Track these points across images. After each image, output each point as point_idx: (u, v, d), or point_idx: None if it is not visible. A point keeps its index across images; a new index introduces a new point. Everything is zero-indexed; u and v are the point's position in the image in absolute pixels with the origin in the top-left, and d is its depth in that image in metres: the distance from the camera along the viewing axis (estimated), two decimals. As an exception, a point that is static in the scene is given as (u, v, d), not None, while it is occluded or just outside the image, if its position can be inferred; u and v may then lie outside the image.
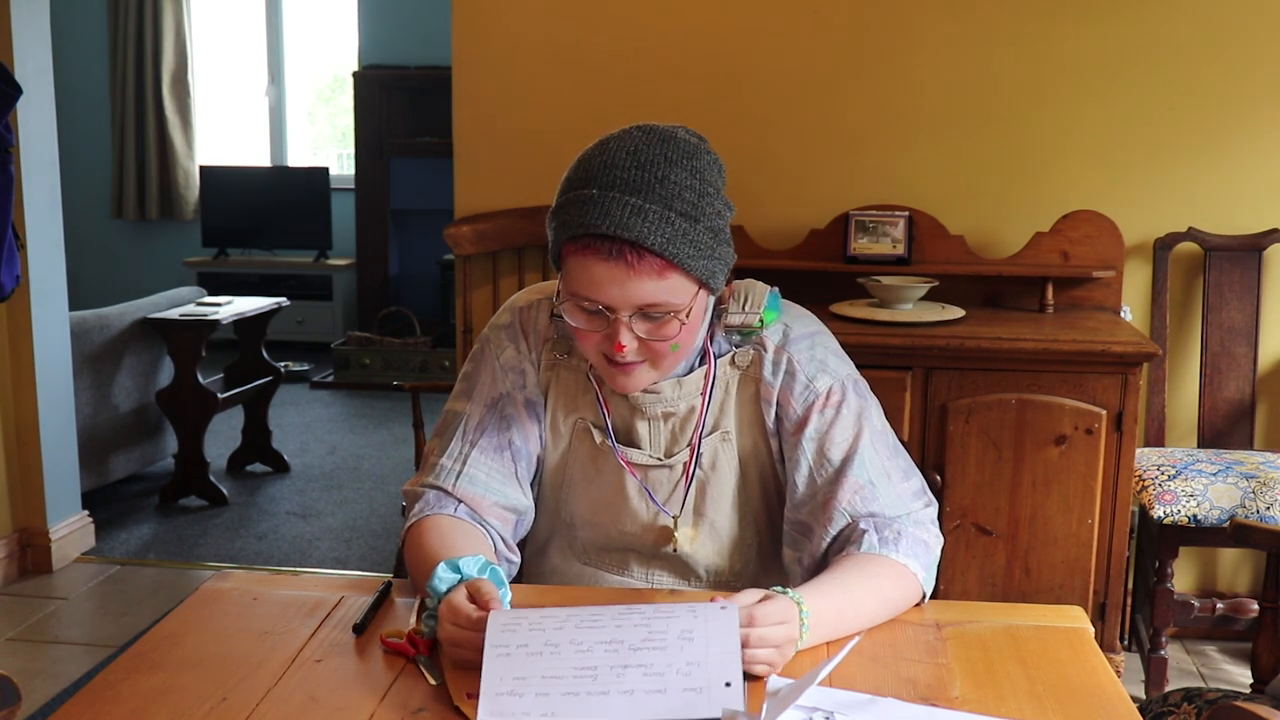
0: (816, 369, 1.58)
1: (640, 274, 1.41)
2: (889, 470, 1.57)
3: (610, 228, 1.39)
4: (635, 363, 1.49)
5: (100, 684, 1.31)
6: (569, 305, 1.47)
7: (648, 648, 1.25)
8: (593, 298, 1.44)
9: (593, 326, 1.47)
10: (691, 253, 1.42)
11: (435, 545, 1.50)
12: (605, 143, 1.47)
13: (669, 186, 1.41)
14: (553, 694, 1.21)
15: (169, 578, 3.79)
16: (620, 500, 1.63)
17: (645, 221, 1.39)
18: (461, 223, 3.48)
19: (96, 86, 7.32)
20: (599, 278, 1.42)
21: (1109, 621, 2.88)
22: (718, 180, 1.48)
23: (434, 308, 6.85)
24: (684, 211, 1.41)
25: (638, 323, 1.45)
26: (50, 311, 3.74)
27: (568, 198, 1.45)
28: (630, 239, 1.39)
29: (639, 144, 1.44)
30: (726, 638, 1.25)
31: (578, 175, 1.46)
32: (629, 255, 1.40)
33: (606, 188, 1.41)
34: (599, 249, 1.41)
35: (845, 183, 3.37)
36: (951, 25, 3.30)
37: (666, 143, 1.45)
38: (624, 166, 1.42)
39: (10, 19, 3.49)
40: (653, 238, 1.39)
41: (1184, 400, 3.32)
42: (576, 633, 1.27)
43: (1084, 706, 1.27)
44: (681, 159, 1.44)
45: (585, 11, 3.43)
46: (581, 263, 1.43)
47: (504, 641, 1.26)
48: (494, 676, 1.23)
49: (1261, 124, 3.22)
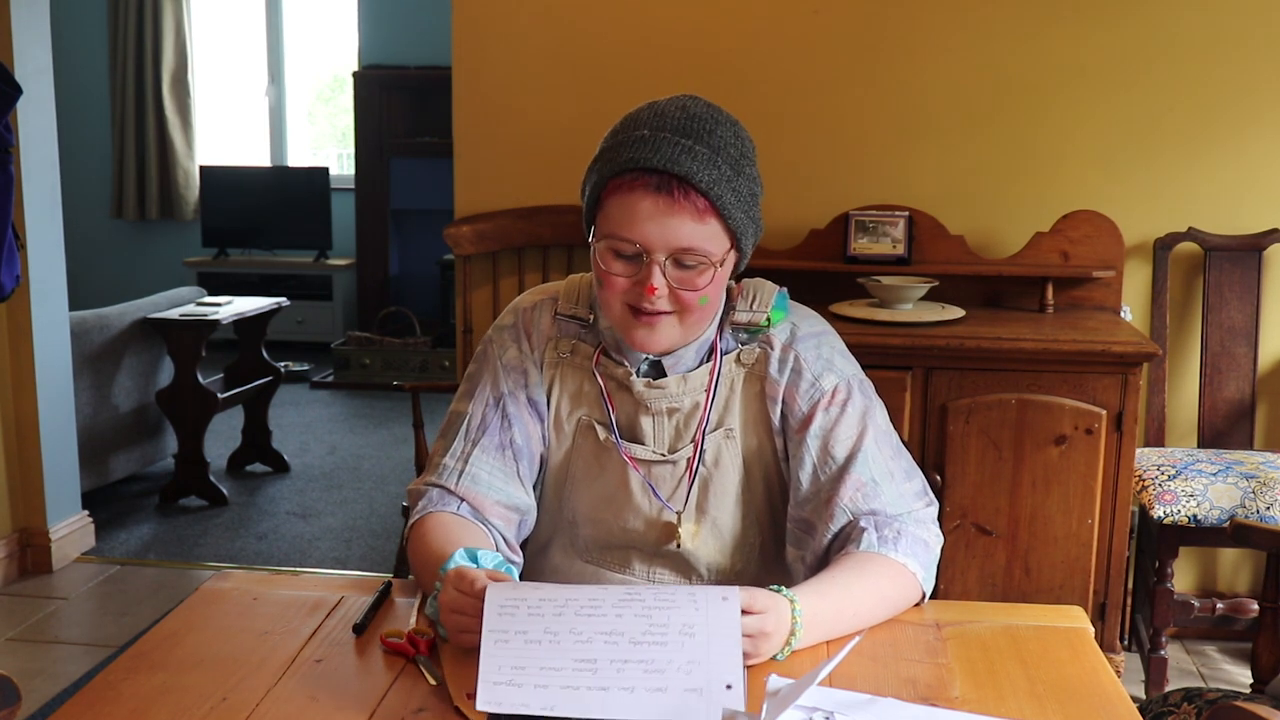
0: (823, 367, 1.59)
1: (682, 211, 1.44)
2: (892, 469, 1.57)
3: (660, 161, 1.44)
4: (662, 313, 1.50)
5: (100, 684, 1.30)
6: (602, 248, 1.49)
7: (648, 641, 1.24)
8: (630, 237, 1.46)
9: (625, 272, 1.49)
10: (733, 200, 1.47)
11: (438, 541, 1.51)
12: (653, 102, 1.53)
13: (717, 138, 1.48)
14: (552, 686, 1.20)
15: (169, 578, 3.79)
16: (624, 496, 1.63)
17: (695, 160, 1.44)
18: (461, 223, 3.48)
19: (96, 86, 7.32)
20: (641, 213, 1.45)
21: (1109, 621, 2.88)
22: (754, 154, 1.54)
23: (434, 308, 6.85)
24: (731, 161, 1.47)
25: (671, 270, 1.47)
26: (50, 311, 3.74)
27: (615, 141, 1.50)
28: (679, 173, 1.44)
29: (687, 102, 1.52)
30: (728, 634, 1.24)
31: (624, 124, 1.52)
32: (676, 190, 1.44)
33: (658, 129, 1.47)
34: (646, 182, 1.45)
35: (845, 183, 3.38)
36: (952, 26, 3.30)
37: (712, 108, 1.53)
38: (674, 116, 1.49)
39: (10, 19, 3.49)
40: (701, 174, 1.44)
41: (1184, 400, 3.32)
42: (576, 620, 1.26)
43: (1084, 706, 1.27)
44: (727, 122, 1.51)
45: (585, 12, 3.43)
46: (625, 199, 1.46)
47: (502, 627, 1.25)
48: (491, 664, 1.22)
49: (1262, 124, 3.22)
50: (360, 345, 6.52)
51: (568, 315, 1.63)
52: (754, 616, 1.31)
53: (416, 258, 7.11)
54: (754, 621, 1.31)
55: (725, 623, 1.26)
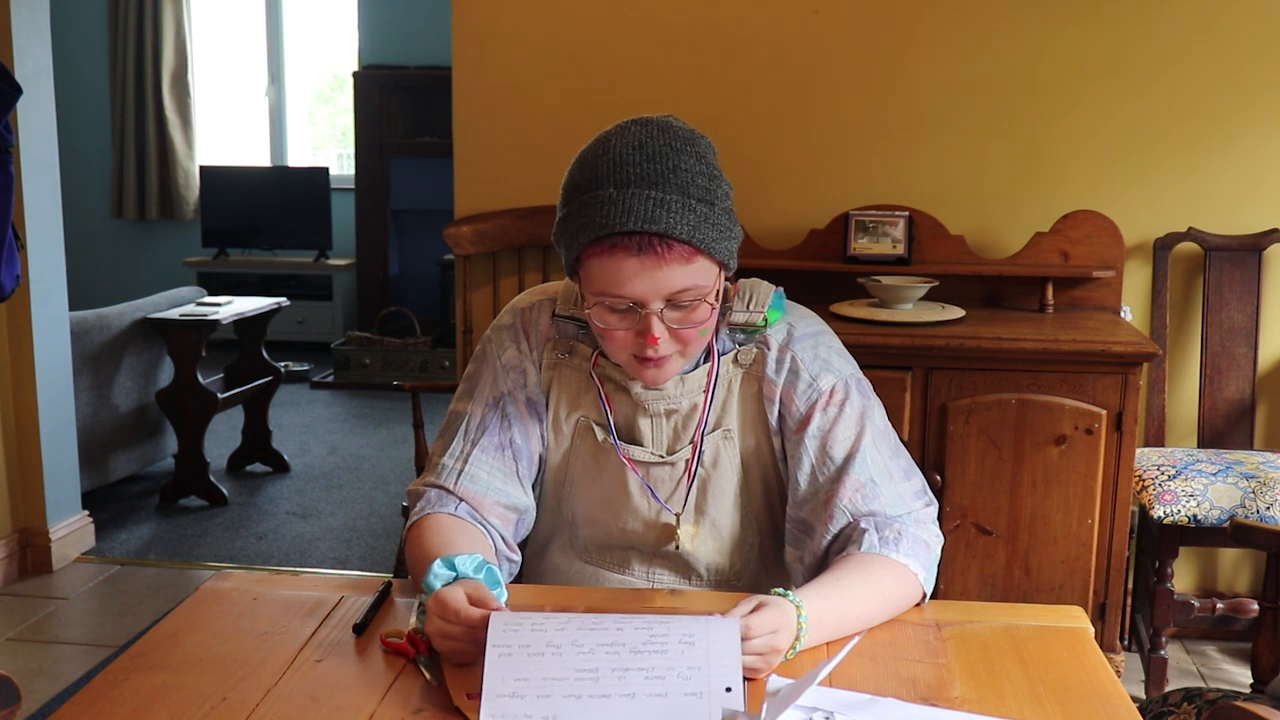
0: (820, 367, 1.59)
1: (670, 263, 1.42)
2: (890, 470, 1.57)
3: (636, 223, 1.40)
4: (667, 355, 1.50)
5: (100, 684, 1.30)
6: (596, 308, 1.48)
7: (649, 650, 1.25)
8: (622, 294, 1.44)
9: (623, 325, 1.48)
10: (715, 235, 1.45)
11: (434, 544, 1.50)
12: (605, 140, 1.47)
13: (682, 175, 1.43)
14: (554, 695, 1.21)
15: (169, 578, 3.79)
16: (622, 497, 1.63)
17: (669, 213, 1.41)
18: (461, 223, 3.48)
19: (96, 86, 7.32)
20: (627, 273, 1.43)
21: (1109, 621, 2.88)
22: (717, 161, 1.50)
23: (434, 308, 6.85)
24: (700, 197, 1.44)
25: (668, 313, 1.46)
26: (50, 311, 3.74)
27: (582, 201, 1.45)
28: (658, 231, 1.41)
29: (640, 137, 1.45)
30: (728, 643, 1.25)
31: (585, 178, 1.46)
32: (658, 247, 1.41)
33: (622, 185, 1.42)
34: (627, 245, 1.42)
35: (845, 183, 3.37)
36: (951, 25, 3.30)
37: (666, 132, 1.46)
38: (634, 162, 1.43)
39: (10, 19, 3.49)
40: (679, 227, 1.41)
41: (1184, 400, 3.32)
42: (578, 634, 1.27)
43: (1084, 706, 1.27)
44: (684, 146, 1.46)
45: (585, 12, 3.43)
46: (608, 262, 1.43)
47: (506, 641, 1.26)
48: (496, 677, 1.23)
49: (1262, 124, 3.22)
50: (360, 345, 6.52)
51: (566, 316, 1.63)
52: (772, 636, 1.30)
53: (416, 258, 7.11)
54: (763, 642, 1.30)
55: (725, 631, 1.27)
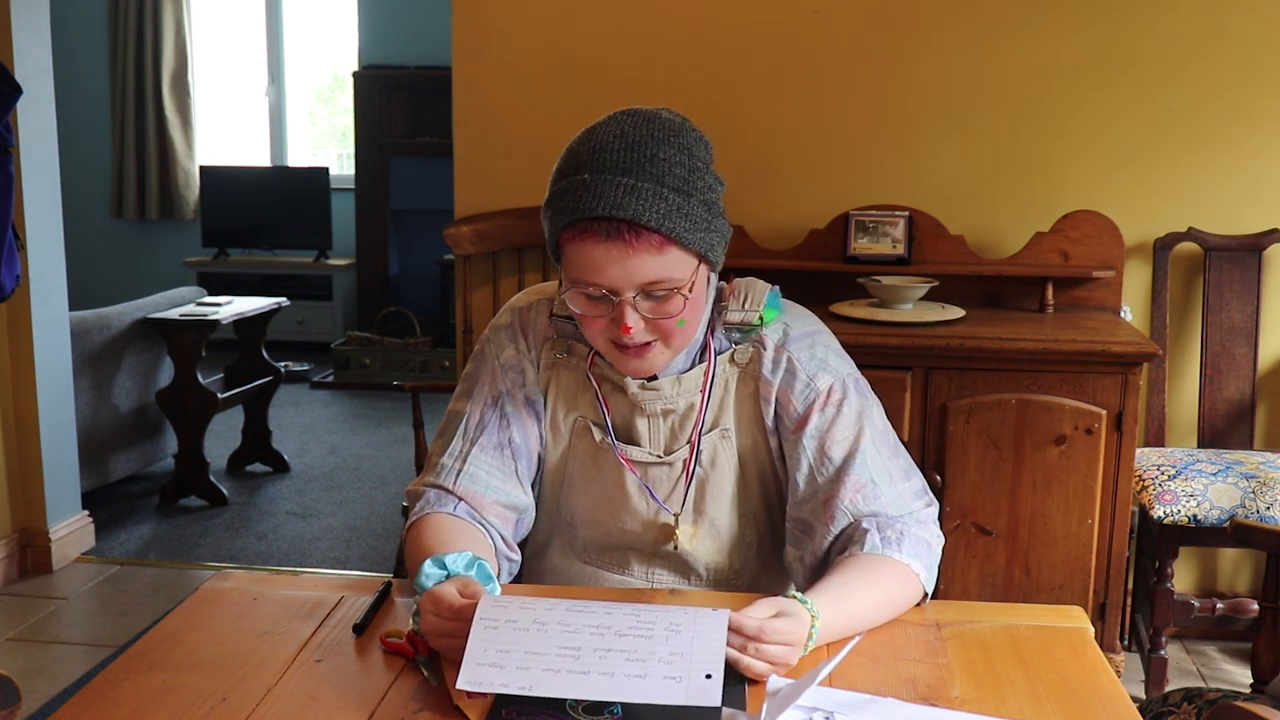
0: (817, 367, 1.59)
1: (639, 251, 1.42)
2: (890, 470, 1.57)
3: (605, 209, 1.41)
4: (645, 344, 1.50)
5: (100, 684, 1.31)
6: (572, 293, 1.48)
7: (634, 634, 1.26)
8: (595, 281, 1.45)
9: (597, 312, 1.48)
10: (688, 226, 1.44)
11: (433, 543, 1.51)
12: (591, 130, 1.49)
13: (659, 164, 1.43)
14: (533, 669, 1.22)
15: (169, 578, 3.79)
16: (620, 498, 1.63)
17: (639, 200, 1.41)
18: (461, 223, 3.48)
19: (96, 86, 7.32)
20: (599, 260, 1.43)
21: (1109, 621, 2.88)
22: (705, 156, 1.49)
23: (434, 308, 6.85)
24: (676, 187, 1.43)
25: (641, 303, 1.46)
26: (50, 311, 3.74)
27: (560, 186, 1.47)
28: (626, 218, 1.41)
29: (624, 127, 1.46)
30: (713, 633, 1.26)
31: (568, 164, 1.48)
32: (627, 234, 1.41)
33: (598, 171, 1.43)
34: (596, 231, 1.42)
35: (845, 183, 3.37)
36: (951, 25, 3.30)
37: (651, 123, 1.47)
38: (613, 149, 1.44)
39: (10, 19, 3.49)
40: (648, 215, 1.41)
41: (1184, 400, 3.32)
42: (566, 615, 1.29)
43: (1084, 706, 1.27)
44: (668, 137, 1.46)
45: (585, 12, 3.43)
46: (580, 248, 1.44)
47: (493, 616, 1.28)
48: (478, 648, 1.24)
49: (1262, 124, 3.22)
50: (360, 345, 6.52)
51: (563, 316, 1.63)
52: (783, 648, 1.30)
53: (416, 258, 7.11)
54: (780, 652, 1.30)
55: (712, 622, 1.27)
